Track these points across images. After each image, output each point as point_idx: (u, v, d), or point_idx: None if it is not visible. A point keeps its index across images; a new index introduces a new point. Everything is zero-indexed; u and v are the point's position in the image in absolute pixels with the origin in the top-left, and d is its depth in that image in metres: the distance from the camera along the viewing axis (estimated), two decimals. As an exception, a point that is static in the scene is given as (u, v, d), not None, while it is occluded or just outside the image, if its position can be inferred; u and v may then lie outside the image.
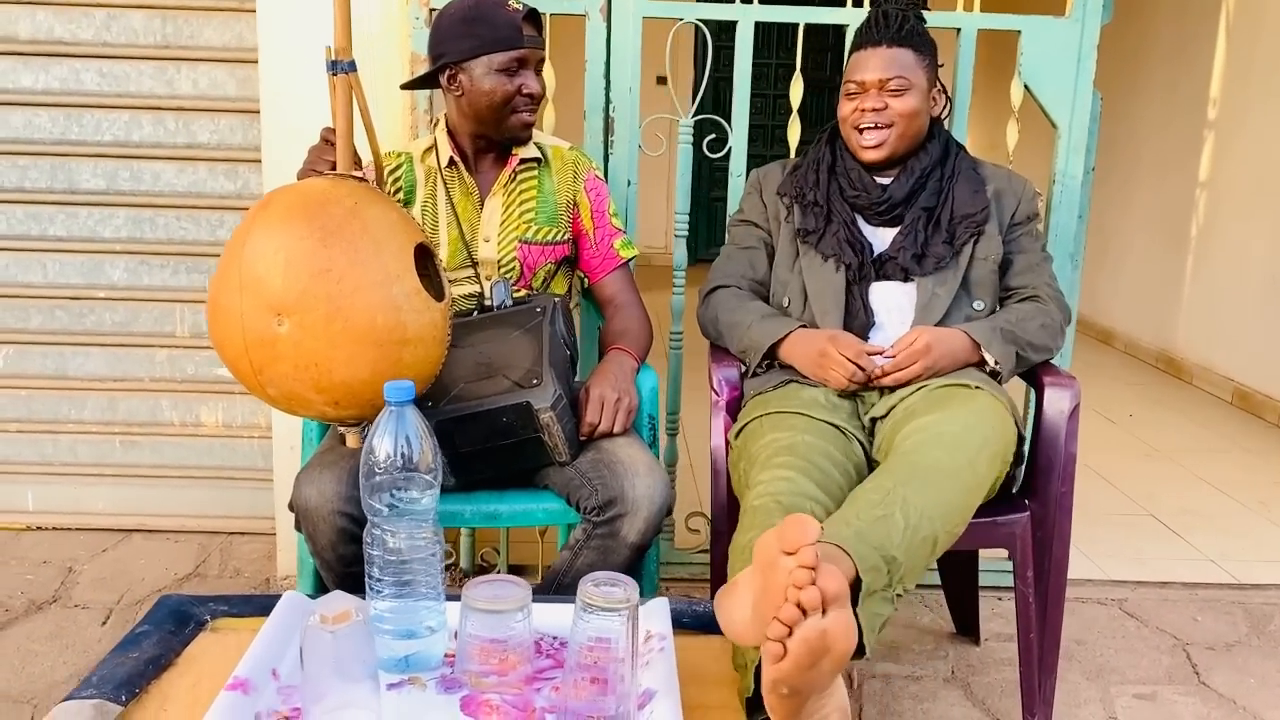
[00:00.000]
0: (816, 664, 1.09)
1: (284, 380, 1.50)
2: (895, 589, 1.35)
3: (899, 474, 1.48)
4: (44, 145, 2.53)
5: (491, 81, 1.85)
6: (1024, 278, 1.94)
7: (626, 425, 1.77)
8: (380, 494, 1.23)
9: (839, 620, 1.09)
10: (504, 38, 1.84)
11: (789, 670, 1.08)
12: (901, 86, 1.87)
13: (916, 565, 1.39)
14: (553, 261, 1.98)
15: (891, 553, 1.34)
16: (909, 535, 1.37)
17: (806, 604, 1.08)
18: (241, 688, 1.18)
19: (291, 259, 1.46)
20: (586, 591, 1.14)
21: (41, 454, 2.69)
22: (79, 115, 2.52)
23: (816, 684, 1.10)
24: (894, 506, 1.40)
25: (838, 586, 1.10)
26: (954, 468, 1.50)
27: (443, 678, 1.26)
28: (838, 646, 1.09)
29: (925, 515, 1.40)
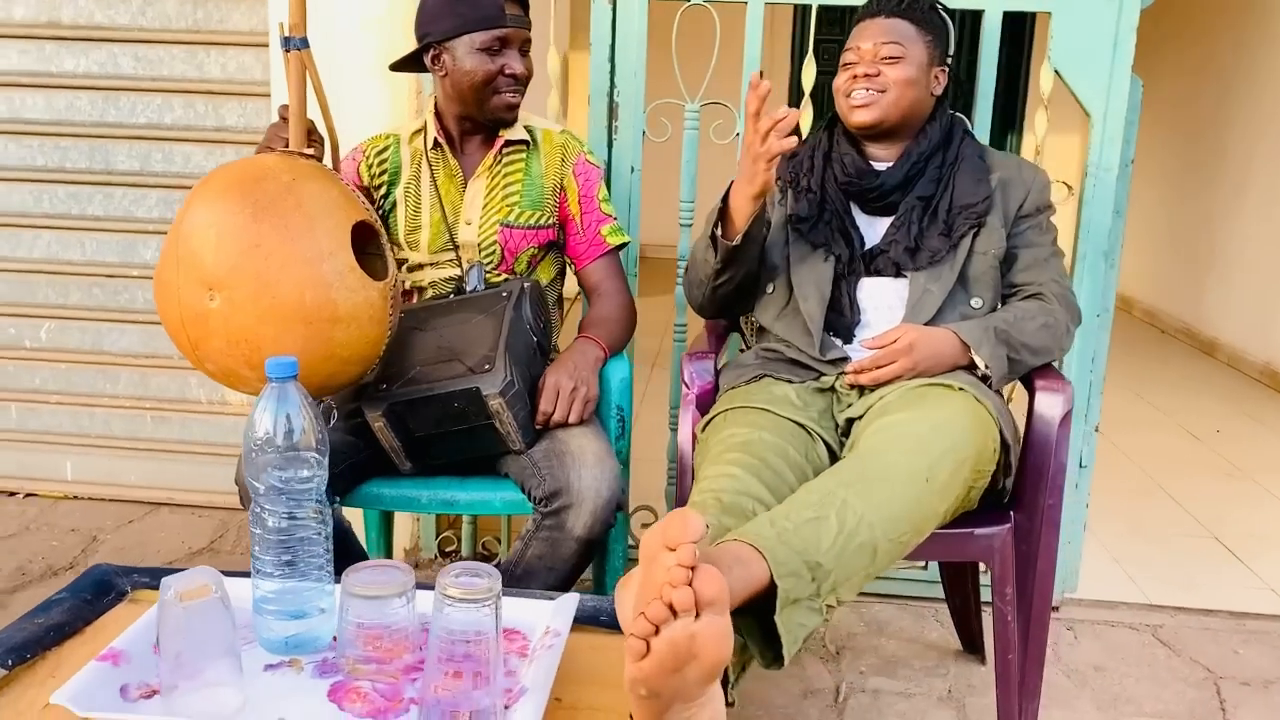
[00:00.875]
0: (681, 669, 1.02)
1: (218, 355, 1.50)
2: (824, 599, 1.26)
3: (846, 475, 1.38)
4: (83, 127, 2.62)
5: (473, 61, 1.82)
6: (1029, 274, 1.81)
7: (583, 415, 1.71)
8: (261, 472, 1.20)
9: (712, 626, 1.02)
10: (486, 16, 1.81)
11: (650, 671, 1.01)
12: (896, 54, 1.77)
13: (852, 575, 1.29)
14: (536, 246, 1.93)
15: (817, 559, 1.25)
16: (842, 541, 1.28)
17: (677, 604, 1.01)
18: (113, 659, 1.17)
19: (223, 234, 1.46)
20: (444, 582, 1.09)
21: (79, 426, 2.78)
22: (116, 98, 2.60)
23: (681, 691, 1.03)
24: (830, 509, 1.31)
25: (715, 590, 1.02)
26: (910, 472, 1.39)
27: (323, 662, 1.23)
28: (707, 654, 1.02)
29: (865, 521, 1.30)
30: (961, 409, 1.51)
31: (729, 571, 1.15)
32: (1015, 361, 1.70)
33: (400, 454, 1.72)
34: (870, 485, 1.35)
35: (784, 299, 1.83)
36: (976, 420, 1.51)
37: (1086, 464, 2.29)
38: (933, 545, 1.61)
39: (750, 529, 1.26)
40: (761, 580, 1.19)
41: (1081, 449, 2.27)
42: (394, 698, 1.16)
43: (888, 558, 1.34)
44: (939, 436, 1.43)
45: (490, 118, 1.88)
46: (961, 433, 1.46)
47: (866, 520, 1.30)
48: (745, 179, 1.66)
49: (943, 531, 1.59)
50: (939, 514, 1.42)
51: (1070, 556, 2.35)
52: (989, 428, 1.54)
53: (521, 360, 1.71)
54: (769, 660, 1.23)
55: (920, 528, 1.38)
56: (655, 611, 1.01)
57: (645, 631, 1.01)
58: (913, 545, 1.38)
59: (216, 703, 1.11)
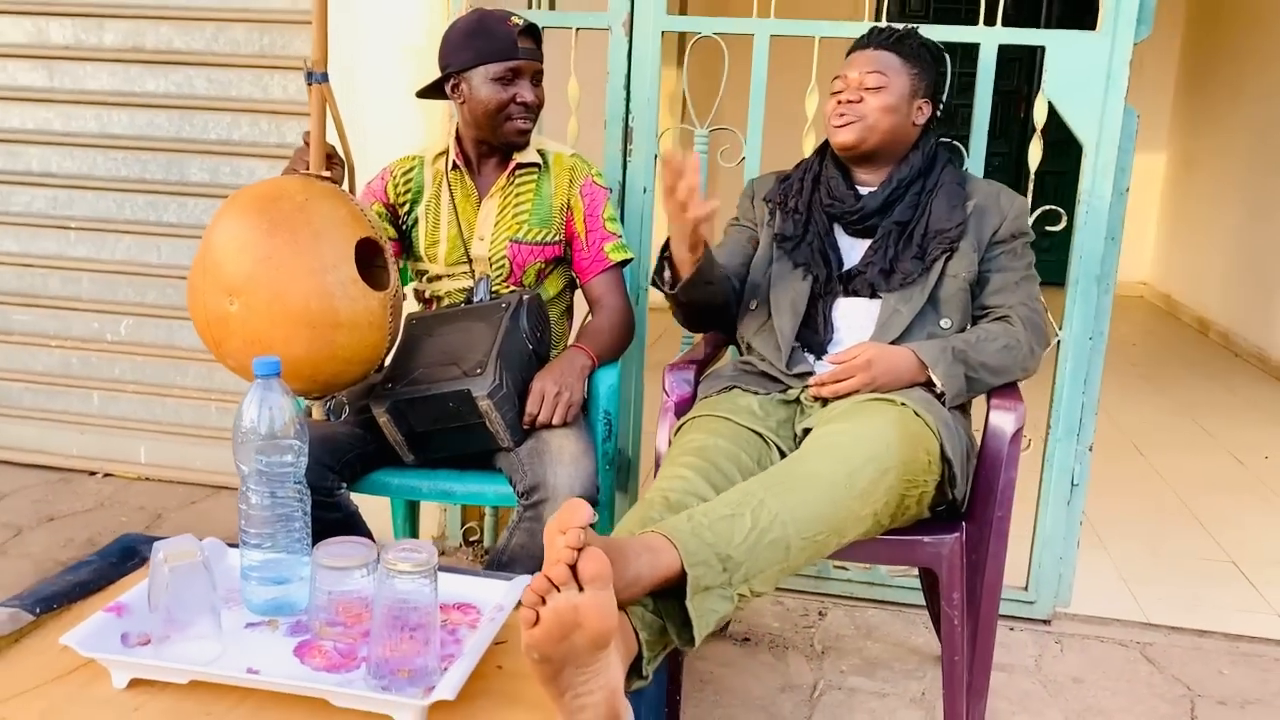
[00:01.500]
0: (568, 637, 1.15)
1: (237, 354, 1.70)
2: (736, 588, 1.39)
3: (770, 478, 1.51)
4: (162, 142, 2.88)
5: (488, 90, 1.99)
6: (999, 297, 1.90)
7: (565, 417, 1.86)
8: (248, 456, 1.39)
9: (595, 599, 1.15)
10: (500, 49, 1.98)
11: (540, 637, 1.15)
12: (879, 84, 1.89)
13: (765, 568, 1.42)
14: (543, 260, 2.10)
15: (728, 552, 1.38)
16: (754, 536, 1.41)
17: (557, 579, 1.15)
18: (117, 611, 1.37)
19: (242, 246, 1.65)
20: (388, 557, 1.26)
21: (152, 414, 3.05)
22: (190, 116, 2.86)
23: (570, 657, 1.17)
24: (746, 508, 1.43)
25: (596, 569, 1.16)
26: (830, 478, 1.51)
27: (296, 623, 1.41)
28: (589, 624, 1.15)
29: (779, 519, 1.43)
30: (892, 422, 1.61)
31: (638, 558, 1.30)
32: (974, 380, 1.80)
33: (403, 446, 1.90)
34: (790, 487, 1.48)
35: (764, 315, 1.96)
36: (906, 433, 1.61)
37: (1079, 482, 2.35)
38: (882, 549, 1.74)
39: (669, 523, 1.40)
40: (673, 567, 1.33)
41: (1074, 467, 2.34)
42: (349, 656, 1.33)
43: (804, 555, 1.46)
44: (862, 446, 1.55)
45: (503, 141, 2.05)
46: (885, 444, 1.56)
47: (780, 519, 1.43)
48: (677, 240, 1.77)
49: (892, 538, 1.71)
50: (862, 518, 1.52)
51: (1064, 571, 2.42)
52: (923, 441, 1.64)
53: (514, 366, 1.87)
54: (684, 640, 1.36)
55: (840, 529, 1.49)
56: (539, 584, 1.15)
57: (533, 602, 1.15)
58: (833, 545, 1.50)
59: (197, 651, 1.30)
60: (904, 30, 1.92)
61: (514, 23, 1.99)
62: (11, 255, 3.05)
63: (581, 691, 1.18)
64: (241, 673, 1.27)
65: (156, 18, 2.82)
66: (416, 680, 1.26)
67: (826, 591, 2.50)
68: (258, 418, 1.38)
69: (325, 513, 1.83)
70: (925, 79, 1.94)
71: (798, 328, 1.90)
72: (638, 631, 1.32)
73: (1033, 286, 1.93)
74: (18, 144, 2.97)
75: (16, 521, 2.77)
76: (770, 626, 2.37)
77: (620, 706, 1.20)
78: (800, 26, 2.26)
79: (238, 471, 1.41)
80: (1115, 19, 2.13)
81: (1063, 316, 2.27)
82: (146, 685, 1.29)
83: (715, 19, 2.31)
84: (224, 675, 1.27)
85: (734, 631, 2.34)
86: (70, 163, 2.95)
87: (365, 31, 2.45)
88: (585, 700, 1.18)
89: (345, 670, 1.30)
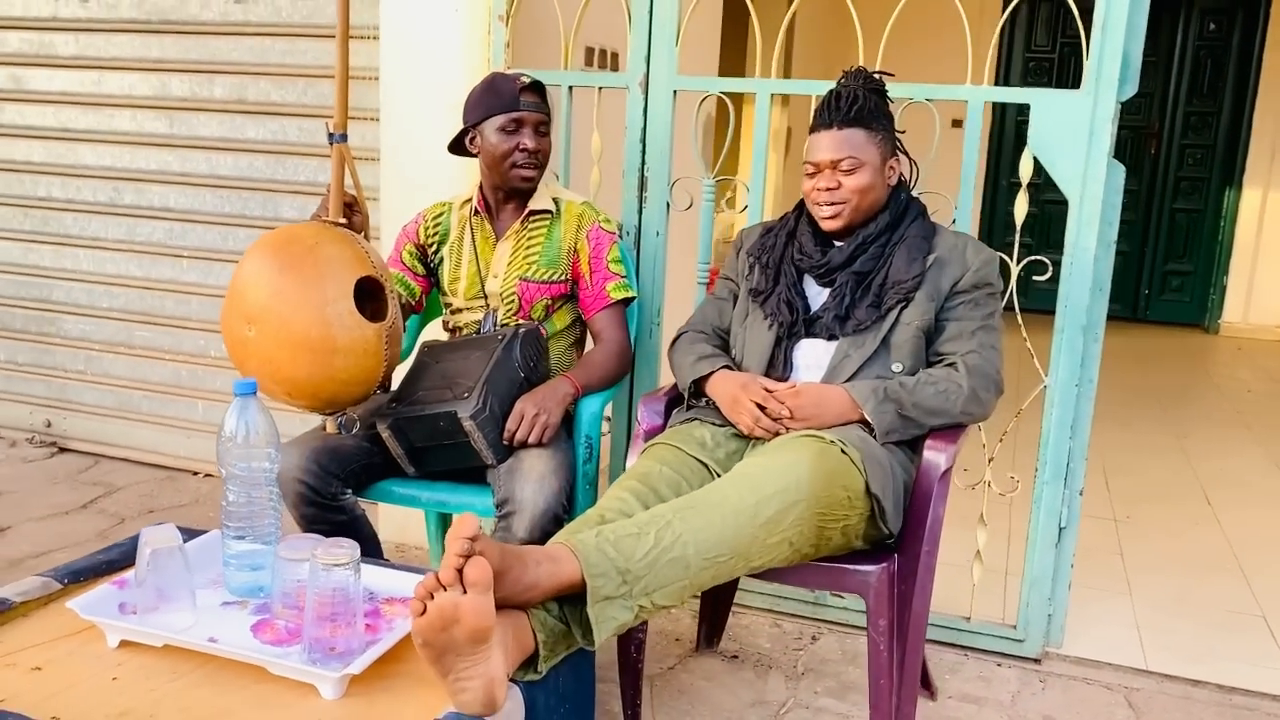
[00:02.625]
0: (448, 629, 1.35)
1: (256, 373, 1.98)
2: (637, 599, 1.56)
3: (682, 502, 1.68)
4: (259, 182, 3.26)
5: (496, 139, 2.24)
6: (952, 344, 2.00)
7: (541, 438, 2.07)
8: (228, 462, 1.66)
9: (474, 601, 1.35)
10: (505, 103, 2.23)
11: (423, 626, 1.36)
12: (852, 166, 2.01)
13: (666, 583, 1.58)
14: (550, 297, 2.32)
15: (628, 566, 1.56)
16: (655, 553, 1.58)
17: (445, 579, 1.36)
18: (119, 584, 1.66)
19: (259, 282, 1.94)
20: (317, 553, 1.49)
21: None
22: (283, 160, 3.22)
23: (450, 646, 1.36)
24: (653, 528, 1.61)
25: (478, 575, 1.35)
26: (735, 504, 1.67)
27: (263, 604, 1.67)
28: (467, 620, 1.34)
29: (680, 540, 1.60)
30: (809, 457, 1.75)
31: (537, 566, 1.50)
32: (907, 419, 1.92)
33: (404, 459, 2.15)
34: (697, 512, 1.65)
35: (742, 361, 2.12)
36: (822, 469, 1.74)
37: (1066, 525, 2.41)
38: (811, 575, 1.88)
39: (577, 537, 1.59)
40: (573, 577, 1.52)
41: (1061, 510, 2.40)
42: (295, 634, 1.57)
43: (707, 574, 1.62)
44: (773, 478, 1.70)
45: (512, 186, 2.29)
46: (796, 478, 1.70)
47: (683, 540, 1.60)
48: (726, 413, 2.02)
49: (822, 564, 1.85)
50: (770, 546, 1.67)
51: (1054, 611, 2.47)
52: (842, 478, 1.76)
53: (501, 391, 2.10)
54: (587, 642, 1.55)
55: (744, 553, 1.65)
56: (429, 582, 1.37)
57: (421, 596, 1.37)
58: (740, 566, 1.66)
59: (173, 621, 1.57)
60: (857, 96, 2.01)
61: (520, 80, 2.24)
62: (136, 279, 3.48)
63: (462, 676, 1.38)
64: (204, 641, 1.53)
65: (257, 74, 3.20)
66: (343, 657, 1.49)
67: (822, 618, 2.62)
68: (235, 430, 1.65)
69: (331, 514, 2.10)
70: (890, 138, 2.06)
71: (763, 369, 2.06)
72: (535, 631, 1.51)
73: (989, 335, 2.02)
74: (144, 183, 3.41)
75: (122, 512, 3.17)
76: (761, 647, 2.51)
77: (498, 693, 1.39)
78: (800, 85, 2.42)
79: (220, 474, 1.68)
80: (1097, 79, 2.21)
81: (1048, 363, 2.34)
82: (133, 647, 1.57)
83: (722, 79, 2.50)
84: (189, 641, 1.54)
85: (725, 648, 2.49)
86: (184, 199, 3.37)
87: (417, 90, 2.74)
88: (466, 684, 1.38)
89: (286, 645, 1.55)
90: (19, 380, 3.73)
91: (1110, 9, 2.19)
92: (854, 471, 1.81)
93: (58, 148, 3.49)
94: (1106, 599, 2.84)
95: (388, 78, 2.80)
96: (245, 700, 1.45)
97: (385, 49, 2.79)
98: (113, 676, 1.50)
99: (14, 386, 3.74)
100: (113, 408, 3.62)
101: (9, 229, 3.63)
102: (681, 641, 2.52)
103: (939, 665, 2.44)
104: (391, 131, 2.82)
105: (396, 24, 2.76)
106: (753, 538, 1.66)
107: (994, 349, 2.02)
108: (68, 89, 3.45)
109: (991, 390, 1.99)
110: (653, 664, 2.40)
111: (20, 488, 3.34)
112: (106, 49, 3.37)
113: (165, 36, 3.28)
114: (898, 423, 1.91)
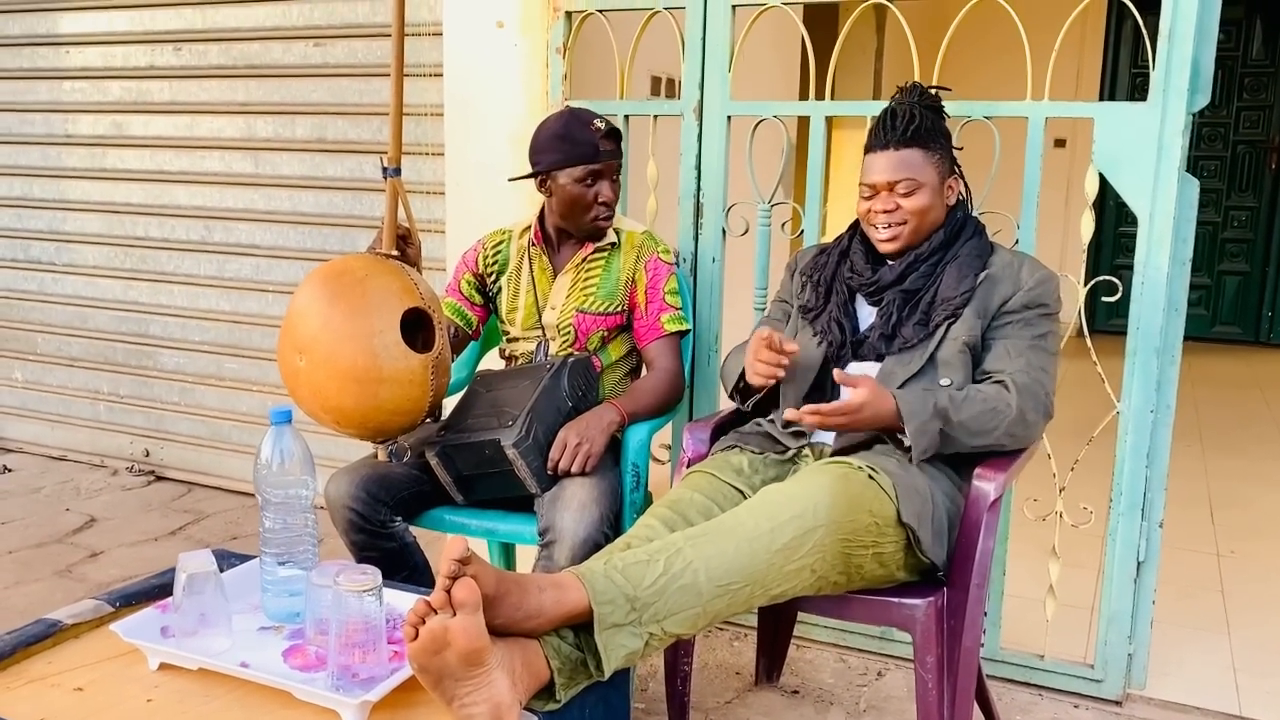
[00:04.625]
0: (440, 653, 1.34)
1: (305, 401, 2.03)
2: (647, 627, 1.53)
3: (697, 530, 1.64)
4: (338, 219, 3.37)
5: (573, 189, 2.23)
6: (998, 363, 1.91)
7: (584, 467, 2.06)
8: (265, 488, 1.69)
9: (463, 624, 1.34)
10: (583, 154, 2.22)
11: (415, 650, 1.36)
12: (910, 188, 1.96)
13: (677, 610, 1.54)
14: (605, 329, 2.31)
15: (635, 593, 1.52)
16: (665, 581, 1.54)
17: (435, 603, 1.36)
18: (162, 608, 1.71)
19: (310, 313, 1.98)
20: (338, 580, 1.50)
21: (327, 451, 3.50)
22: (360, 196, 3.32)
23: (445, 671, 1.35)
24: (663, 554, 1.58)
25: (464, 596, 1.34)
26: (750, 530, 1.62)
27: (298, 629, 1.69)
28: (458, 643, 1.33)
29: (692, 566, 1.56)
30: (829, 482, 1.69)
31: (540, 593, 1.48)
32: (950, 438, 1.82)
33: (453, 487, 2.16)
34: (709, 539, 1.61)
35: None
36: (844, 494, 1.68)
37: (1145, 559, 2.28)
38: (855, 608, 1.82)
39: (585, 564, 1.57)
40: (580, 604, 1.50)
41: (1140, 543, 2.27)
42: (324, 660, 1.59)
43: (721, 602, 1.58)
44: (791, 504, 1.65)
45: (585, 234, 2.30)
46: (814, 504, 1.64)
47: (693, 566, 1.56)
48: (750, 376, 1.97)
49: (865, 597, 1.80)
50: (789, 573, 1.62)
51: (1136, 651, 2.34)
52: (868, 504, 1.70)
53: (546, 420, 2.10)
54: (599, 672, 1.52)
55: (761, 581, 1.60)
56: (420, 607, 1.36)
57: (414, 621, 1.36)
58: (758, 595, 1.61)
59: (209, 645, 1.60)
60: (914, 115, 1.96)
61: (596, 127, 2.22)
62: (225, 313, 3.62)
63: (466, 702, 1.38)
64: (235, 665, 1.56)
65: (336, 114, 3.30)
66: (367, 684, 1.50)
67: (889, 653, 2.54)
68: (271, 457, 1.68)
69: (381, 541, 2.13)
70: (947, 157, 2.01)
71: (807, 390, 2.01)
72: (549, 659, 1.50)
73: (1040, 356, 1.92)
74: (232, 220, 3.55)
75: (208, 539, 3.27)
76: (823, 682, 2.44)
77: (507, 718, 1.38)
78: (853, 107, 2.38)
79: (258, 501, 1.72)
80: (1165, 90, 2.11)
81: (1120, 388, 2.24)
82: (172, 670, 1.60)
83: (775, 103, 2.47)
84: (221, 665, 1.56)
85: (786, 683, 2.43)
86: (269, 236, 3.49)
87: (479, 124, 2.79)
88: (471, 710, 1.38)
89: (313, 670, 1.56)
90: (120, 411, 3.91)
91: (1177, 16, 2.10)
92: (883, 498, 1.74)
93: (154, 189, 3.67)
94: (1201, 639, 2.68)
95: (451, 113, 2.86)
96: (270, 725, 1.48)
97: (448, 85, 2.85)
98: (148, 699, 1.54)
99: (116, 417, 3.92)
100: (205, 437, 3.75)
101: (111, 267, 3.81)
102: (741, 675, 2.47)
103: (1010, 705, 2.34)
104: (455, 165, 2.87)
105: (458, 60, 2.81)
106: (769, 565, 1.61)
107: (1045, 371, 1.92)
108: (163, 133, 3.62)
109: (1040, 413, 1.89)
110: (710, 697, 2.36)
111: (116, 514, 3.49)
112: (198, 94, 3.53)
113: (250, 80, 3.42)
114: (935, 441, 1.82)
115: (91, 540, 3.25)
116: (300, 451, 1.69)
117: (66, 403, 4.03)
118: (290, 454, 1.69)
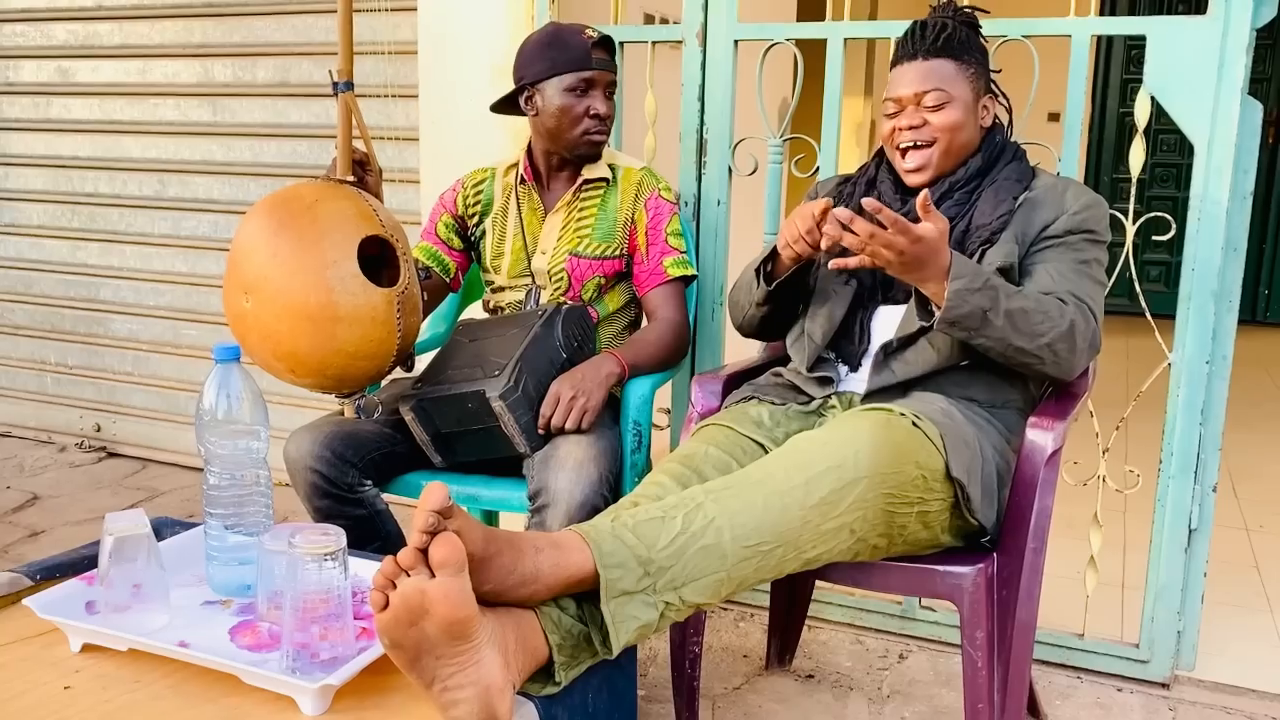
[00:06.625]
0: (417, 623, 1.10)
1: (256, 349, 1.77)
2: (662, 594, 1.29)
3: (718, 483, 1.40)
4: (304, 169, 3.10)
5: (561, 100, 1.99)
6: (1043, 284, 1.65)
7: (580, 423, 1.82)
8: (208, 439, 1.44)
9: (444, 587, 1.09)
10: (574, 59, 1.98)
11: (387, 622, 1.11)
12: (940, 100, 1.73)
13: (698, 576, 1.31)
14: (602, 275, 2.07)
15: (649, 555, 1.28)
16: (683, 540, 1.30)
17: (405, 562, 1.11)
18: (88, 579, 1.45)
19: (255, 246, 1.73)
20: (294, 542, 1.25)
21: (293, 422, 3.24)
22: (327, 144, 3.05)
23: (423, 645, 1.11)
24: (680, 510, 1.34)
25: (445, 554, 1.09)
26: (781, 483, 1.38)
27: (249, 604, 1.44)
28: (438, 610, 1.09)
29: (714, 524, 1.32)
30: (869, 429, 1.46)
31: (537, 554, 1.23)
32: (989, 323, 1.54)
33: (430, 447, 1.91)
34: (734, 493, 1.37)
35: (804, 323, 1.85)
36: (887, 442, 1.45)
37: (1197, 526, 2.07)
38: (894, 577, 1.59)
39: (591, 521, 1.33)
40: (584, 568, 1.25)
41: (1192, 510, 2.06)
42: (278, 639, 1.34)
43: (748, 566, 1.34)
44: (826, 453, 1.41)
45: (576, 154, 2.05)
46: (854, 451, 1.41)
47: (716, 524, 1.32)
48: (784, 244, 1.71)
49: (907, 564, 1.57)
50: (826, 533, 1.38)
51: (1185, 628, 2.12)
52: (914, 454, 1.47)
53: (538, 371, 1.86)
54: (605, 649, 1.28)
55: (794, 542, 1.36)
56: (388, 568, 1.11)
57: (381, 585, 1.11)
58: (791, 559, 1.37)
59: (143, 623, 1.35)
60: (946, 25, 1.75)
61: (588, 34, 2.00)
62: (181, 275, 3.35)
63: (450, 685, 1.13)
64: (173, 645, 1.31)
65: (300, 54, 3.04)
66: (328, 666, 1.25)
67: (912, 633, 2.31)
68: (215, 402, 1.43)
69: (348, 508, 1.88)
70: (983, 73, 1.79)
71: (832, 334, 1.78)
72: (547, 634, 1.25)
73: (1087, 284, 1.67)
74: (188, 174, 3.28)
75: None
76: (840, 665, 2.21)
77: (498, 705, 1.14)
78: (873, 28, 2.15)
79: (200, 453, 1.47)
80: (1228, 2, 1.89)
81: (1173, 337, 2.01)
82: (96, 650, 1.35)
83: (789, 25, 2.23)
84: (156, 646, 1.31)
85: (799, 667, 2.20)
86: (229, 190, 3.23)
87: (459, 54, 2.53)
88: (455, 695, 1.13)
89: (265, 651, 1.32)
90: (68, 383, 3.63)
91: (1242, -82, 1.88)
92: (929, 448, 1.51)
93: (103, 141, 3.39)
94: (1245, 617, 2.47)
95: (425, 49, 2.60)
96: (212, 714, 1.23)
97: (422, 19, 2.60)
98: (65, 685, 1.29)
99: (64, 390, 3.64)
100: (160, 410, 3.48)
101: (57, 226, 3.53)
102: (750, 658, 2.23)
103: (1048, 689, 2.11)
104: (431, 106, 2.62)
105: (434, -12, 2.56)
106: (803, 523, 1.37)
107: (1093, 300, 1.67)
108: (112, 79, 3.34)
109: (1086, 340, 1.62)
110: (717, 683, 2.12)
111: (62, 492, 3.21)
112: (150, 36, 3.25)
113: (207, 20, 3.15)
114: (975, 316, 1.54)
115: (32, 519, 2.97)
116: (250, 394, 1.44)
117: (10, 374, 3.74)
118: (238, 397, 1.43)
